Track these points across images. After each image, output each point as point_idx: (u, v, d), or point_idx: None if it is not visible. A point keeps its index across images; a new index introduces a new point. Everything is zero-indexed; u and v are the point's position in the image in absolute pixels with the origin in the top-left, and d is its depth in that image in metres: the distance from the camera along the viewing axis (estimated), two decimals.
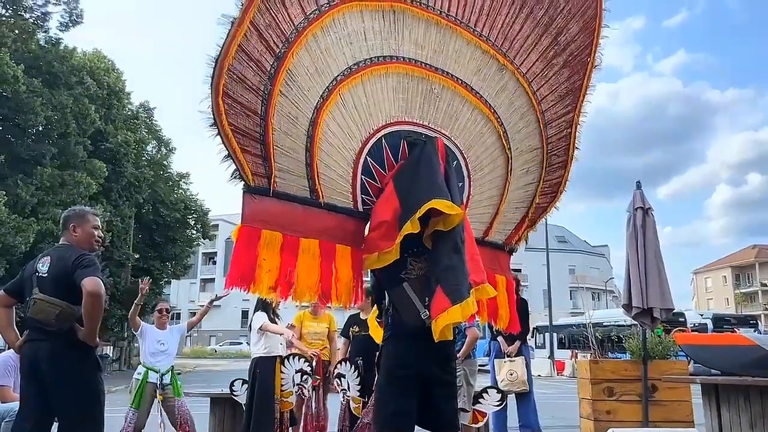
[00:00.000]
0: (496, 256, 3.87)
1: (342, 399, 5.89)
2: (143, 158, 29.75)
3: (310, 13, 2.85)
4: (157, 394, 5.89)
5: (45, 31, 22.83)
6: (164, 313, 6.45)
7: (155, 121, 32.85)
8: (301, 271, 2.88)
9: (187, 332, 6.85)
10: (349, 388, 5.83)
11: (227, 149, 2.74)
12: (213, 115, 2.66)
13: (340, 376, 5.82)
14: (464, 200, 3.45)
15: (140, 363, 6.19)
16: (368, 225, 3.17)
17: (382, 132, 3.20)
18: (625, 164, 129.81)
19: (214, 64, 2.63)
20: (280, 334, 6.05)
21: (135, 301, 6.12)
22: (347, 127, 3.09)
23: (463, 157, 3.51)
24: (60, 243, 3.66)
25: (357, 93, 3.08)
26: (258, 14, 2.67)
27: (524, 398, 6.77)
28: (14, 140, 20.76)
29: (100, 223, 3.79)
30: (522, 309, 5.11)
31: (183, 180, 34.09)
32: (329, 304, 3.12)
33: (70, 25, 23.15)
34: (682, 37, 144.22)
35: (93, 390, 3.44)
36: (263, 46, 2.74)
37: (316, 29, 2.87)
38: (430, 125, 3.35)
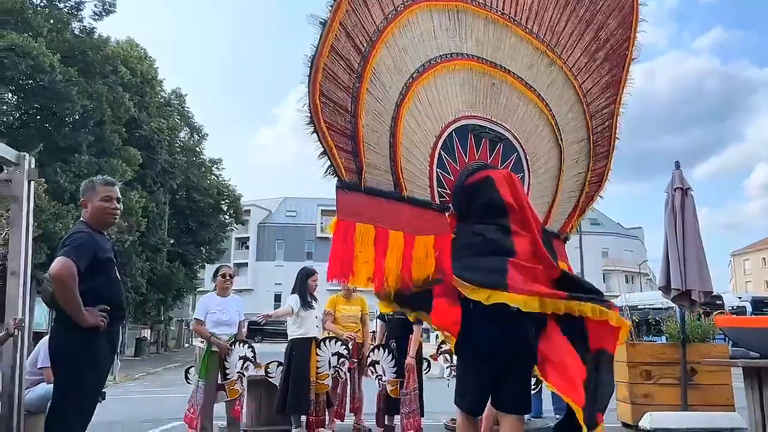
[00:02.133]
0: (557, 245, 3.95)
1: (378, 385, 5.96)
2: (176, 145, 30.19)
3: (389, 14, 3.04)
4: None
5: (79, 21, 23.21)
6: (227, 277, 5.86)
7: (187, 107, 33.29)
8: (391, 260, 2.99)
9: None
10: (384, 373, 5.91)
11: (323, 146, 2.87)
12: (310, 113, 2.80)
13: (374, 363, 5.88)
14: (525, 190, 3.58)
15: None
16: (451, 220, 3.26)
17: (452, 126, 3.36)
18: (660, 144, 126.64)
19: (310, 63, 2.77)
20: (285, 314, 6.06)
21: None
22: (423, 123, 3.25)
23: (522, 149, 3.67)
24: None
25: (430, 89, 3.25)
26: (346, 15, 2.86)
27: None
28: (52, 129, 21.16)
29: (116, 193, 3.40)
30: None
31: (215, 166, 34.54)
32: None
33: (104, 14, 23.49)
34: (718, 14, 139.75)
35: (72, 374, 3.15)
36: (351, 46, 2.91)
37: (394, 28, 3.06)
38: (492, 118, 3.53)
